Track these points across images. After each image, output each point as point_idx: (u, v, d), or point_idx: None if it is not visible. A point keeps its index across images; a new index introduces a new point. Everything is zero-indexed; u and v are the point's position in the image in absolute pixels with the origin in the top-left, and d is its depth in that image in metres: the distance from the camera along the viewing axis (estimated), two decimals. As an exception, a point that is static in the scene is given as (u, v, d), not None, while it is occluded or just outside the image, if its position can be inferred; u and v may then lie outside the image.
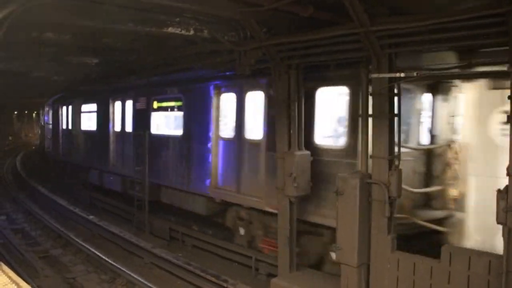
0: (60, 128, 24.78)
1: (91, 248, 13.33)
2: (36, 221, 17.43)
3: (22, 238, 15.38)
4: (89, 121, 20.96)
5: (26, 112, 59.52)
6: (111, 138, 18.36)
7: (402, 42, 7.89)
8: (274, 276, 10.21)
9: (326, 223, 9.60)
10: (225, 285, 10.33)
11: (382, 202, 8.07)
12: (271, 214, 10.72)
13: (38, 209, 18.86)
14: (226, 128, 12.69)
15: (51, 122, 27.08)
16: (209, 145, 12.79)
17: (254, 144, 11.45)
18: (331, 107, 10.24)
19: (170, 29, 8.76)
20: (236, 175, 11.99)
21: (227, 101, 12.49)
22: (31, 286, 6.95)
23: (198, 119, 13.36)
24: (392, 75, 7.94)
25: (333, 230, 8.95)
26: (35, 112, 54.50)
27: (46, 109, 29.22)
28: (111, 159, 18.28)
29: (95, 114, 20.13)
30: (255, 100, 11.57)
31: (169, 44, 10.92)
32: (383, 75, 7.98)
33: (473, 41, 7.26)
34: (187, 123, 13.95)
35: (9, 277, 6.23)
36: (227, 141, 12.42)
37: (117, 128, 18.08)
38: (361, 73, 8.51)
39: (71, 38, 9.57)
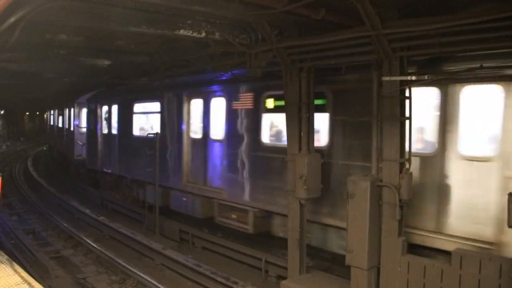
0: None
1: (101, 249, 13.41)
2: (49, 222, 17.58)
3: (34, 239, 15.51)
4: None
5: (37, 113, 59.90)
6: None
7: (414, 45, 7.89)
8: (284, 278, 10.22)
9: None
10: (235, 287, 10.33)
11: (393, 205, 8.07)
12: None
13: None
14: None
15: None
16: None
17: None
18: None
19: (182, 31, 8.77)
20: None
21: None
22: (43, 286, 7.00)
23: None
24: (404, 78, 7.94)
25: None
26: (47, 113, 55.32)
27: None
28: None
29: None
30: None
31: (180, 46, 10.98)
32: (394, 78, 7.98)
33: (484, 44, 7.24)
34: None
35: (22, 277, 6.31)
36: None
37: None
38: (372, 76, 8.52)
39: (84, 40, 9.66)
